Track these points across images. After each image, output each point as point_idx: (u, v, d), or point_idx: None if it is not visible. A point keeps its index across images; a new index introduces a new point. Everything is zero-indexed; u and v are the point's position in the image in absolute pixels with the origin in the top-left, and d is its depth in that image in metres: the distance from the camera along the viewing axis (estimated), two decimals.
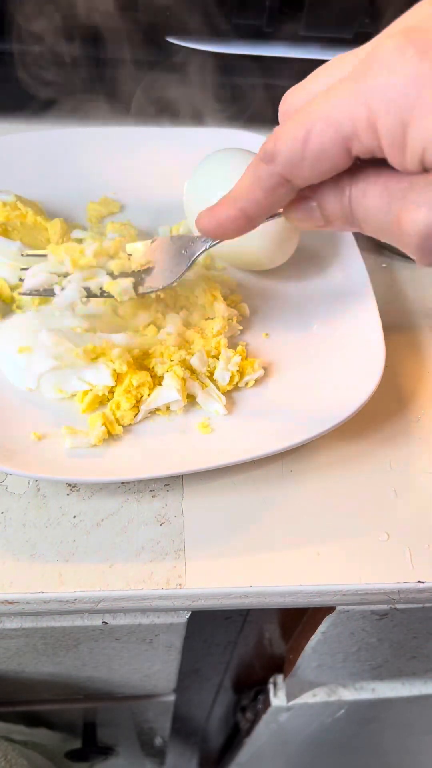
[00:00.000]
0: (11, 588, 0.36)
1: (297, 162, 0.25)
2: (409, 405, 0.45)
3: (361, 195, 0.26)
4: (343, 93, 0.23)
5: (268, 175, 0.26)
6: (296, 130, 0.24)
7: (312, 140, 0.24)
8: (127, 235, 0.49)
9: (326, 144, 0.24)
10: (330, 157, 0.24)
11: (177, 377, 0.40)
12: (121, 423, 0.40)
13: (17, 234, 0.46)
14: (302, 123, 0.24)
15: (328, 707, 0.66)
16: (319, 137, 0.24)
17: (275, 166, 0.26)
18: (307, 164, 0.25)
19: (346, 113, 0.23)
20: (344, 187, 0.26)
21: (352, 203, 0.26)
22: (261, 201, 0.28)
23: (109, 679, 0.56)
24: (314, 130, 0.24)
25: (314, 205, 0.28)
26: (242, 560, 0.37)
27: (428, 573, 0.38)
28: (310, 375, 0.43)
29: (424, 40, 0.22)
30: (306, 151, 0.24)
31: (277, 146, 0.25)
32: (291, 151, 0.25)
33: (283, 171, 0.26)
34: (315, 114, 0.24)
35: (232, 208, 0.29)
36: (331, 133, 0.24)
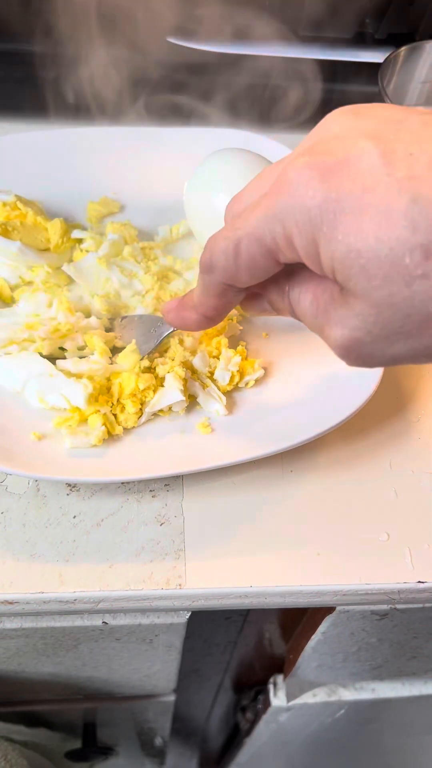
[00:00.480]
0: (11, 588, 0.36)
1: (233, 271, 0.27)
2: (409, 405, 0.45)
3: (296, 300, 0.29)
4: (262, 212, 0.25)
5: (214, 284, 0.29)
6: (226, 244, 0.27)
7: (242, 253, 0.26)
8: (127, 235, 0.49)
9: (255, 255, 0.26)
10: (261, 266, 0.27)
11: (179, 378, 0.40)
12: (124, 425, 0.40)
13: (17, 234, 0.46)
14: (230, 238, 0.27)
15: (328, 707, 0.66)
16: (247, 250, 0.26)
17: (215, 276, 0.29)
18: (242, 272, 0.27)
19: (266, 230, 0.25)
20: (284, 288, 0.29)
21: (291, 303, 0.29)
22: (215, 305, 0.31)
23: (109, 679, 0.56)
24: (242, 244, 0.26)
25: (264, 302, 0.31)
26: (242, 560, 0.37)
27: (428, 573, 0.38)
28: (310, 375, 0.43)
29: (326, 163, 0.23)
30: (238, 262, 0.27)
31: (213, 260, 0.28)
32: (225, 263, 0.27)
33: (223, 279, 0.28)
34: (241, 230, 0.26)
35: (194, 312, 0.32)
36: (256, 246, 0.26)
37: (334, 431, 0.40)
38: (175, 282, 0.47)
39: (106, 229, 0.50)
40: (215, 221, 0.45)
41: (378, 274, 0.23)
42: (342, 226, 0.23)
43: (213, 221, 0.45)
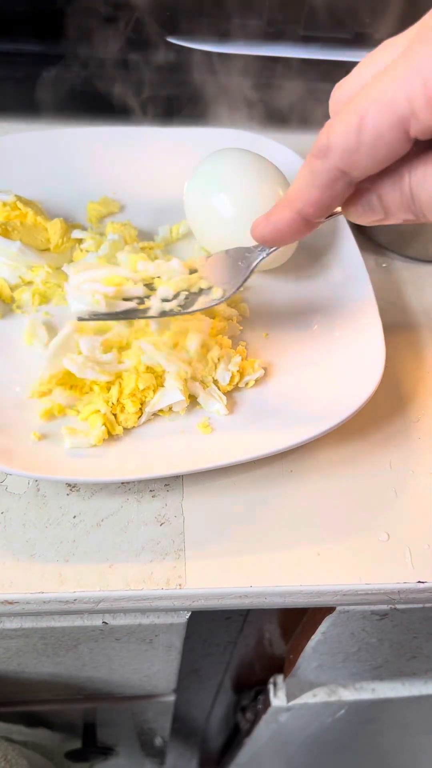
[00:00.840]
0: (11, 588, 0.36)
1: (353, 152, 0.24)
2: (409, 405, 0.45)
3: (422, 181, 0.25)
4: (397, 72, 0.22)
5: (325, 171, 0.25)
6: (349, 119, 0.23)
7: (367, 127, 0.23)
8: (127, 235, 0.49)
9: (383, 128, 0.23)
10: (388, 143, 0.23)
11: (179, 378, 0.40)
12: (124, 425, 0.40)
13: (17, 234, 0.46)
14: (355, 111, 0.23)
15: (328, 707, 0.66)
16: (375, 122, 0.23)
17: (330, 160, 0.25)
18: (364, 153, 0.24)
19: (401, 92, 0.22)
20: (403, 175, 0.25)
21: (413, 190, 0.25)
22: (318, 199, 0.26)
23: (109, 679, 0.56)
24: (368, 116, 0.23)
25: (373, 198, 0.27)
26: (242, 560, 0.37)
27: (428, 573, 0.38)
28: (310, 375, 0.43)
29: None
30: (362, 139, 0.23)
31: (331, 139, 0.24)
32: (346, 142, 0.24)
33: (340, 163, 0.25)
34: (367, 99, 0.23)
35: (289, 210, 0.28)
36: (387, 115, 0.22)
37: (334, 431, 0.40)
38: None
39: (106, 229, 0.50)
40: (215, 221, 0.45)
41: None
42: None
43: (213, 221, 0.45)
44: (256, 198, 0.44)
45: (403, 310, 0.51)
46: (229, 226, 0.44)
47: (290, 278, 0.49)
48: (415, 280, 0.53)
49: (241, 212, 0.44)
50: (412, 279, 0.53)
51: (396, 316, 0.50)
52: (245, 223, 0.43)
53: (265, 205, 0.43)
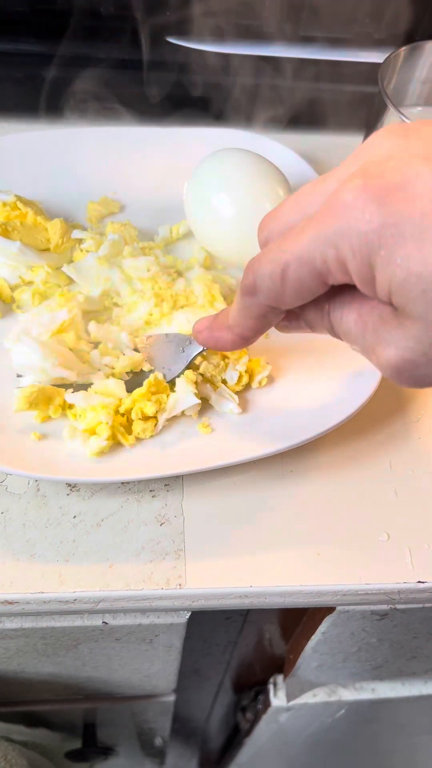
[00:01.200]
0: (11, 588, 0.36)
1: (278, 293, 0.27)
2: (409, 405, 0.45)
3: (338, 320, 0.28)
4: (313, 234, 0.25)
5: (255, 306, 0.29)
6: (273, 268, 0.26)
7: (289, 277, 0.26)
8: (127, 235, 0.49)
9: (303, 278, 0.26)
10: (308, 288, 0.26)
11: (190, 381, 0.40)
12: (141, 437, 0.40)
13: (17, 234, 0.46)
14: (277, 261, 0.26)
15: (328, 707, 0.66)
16: (296, 273, 0.26)
17: (258, 299, 0.28)
18: (288, 294, 0.27)
19: (318, 253, 0.25)
20: (324, 308, 0.28)
21: (332, 324, 0.28)
22: (253, 326, 0.30)
23: (109, 679, 0.56)
24: (290, 268, 0.26)
25: (301, 321, 0.31)
26: (242, 560, 0.37)
27: (428, 573, 0.38)
28: (310, 375, 0.43)
29: (382, 186, 0.23)
30: (285, 285, 0.26)
31: (257, 283, 0.27)
32: (271, 286, 0.27)
33: (267, 301, 0.28)
34: (289, 253, 0.26)
35: (230, 333, 0.32)
36: (305, 270, 0.25)
37: (334, 431, 0.40)
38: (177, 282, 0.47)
39: (106, 229, 0.50)
40: (215, 221, 0.45)
41: None
42: (401, 250, 0.23)
43: (213, 221, 0.45)
44: (256, 198, 0.44)
45: None
46: (229, 226, 0.44)
47: None
48: None
49: (241, 212, 0.44)
50: None
51: None
52: (245, 223, 0.43)
53: (265, 205, 0.43)
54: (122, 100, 0.57)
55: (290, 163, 0.51)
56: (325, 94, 0.59)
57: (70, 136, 0.54)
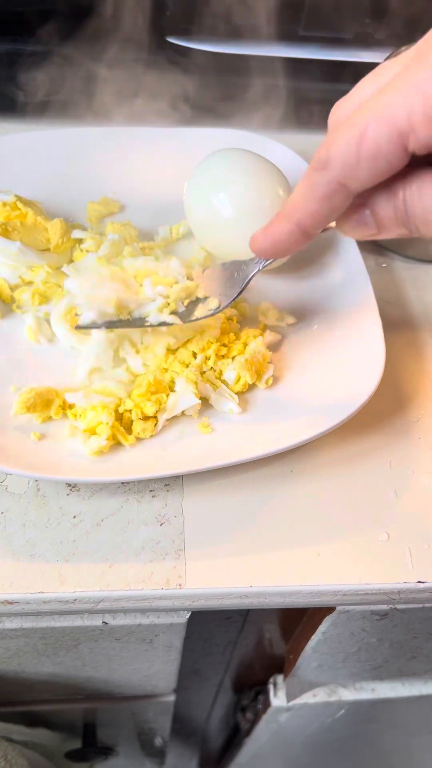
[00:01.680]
0: (11, 588, 0.36)
1: (352, 165, 0.24)
2: (409, 405, 0.45)
3: (416, 196, 0.25)
4: (397, 87, 0.23)
5: (323, 183, 0.26)
6: (350, 132, 0.24)
7: (367, 140, 0.24)
8: (127, 235, 0.49)
9: (382, 142, 0.23)
10: (386, 156, 0.24)
11: (190, 381, 0.40)
12: (141, 437, 0.40)
13: (17, 234, 0.46)
14: (355, 125, 0.24)
15: (328, 707, 0.66)
16: (374, 136, 0.23)
17: (330, 172, 0.25)
18: (363, 166, 0.24)
19: (401, 107, 0.23)
20: (397, 191, 0.26)
21: (407, 205, 0.26)
22: (317, 211, 0.27)
23: (109, 679, 0.56)
24: (369, 130, 0.23)
25: (367, 213, 0.28)
26: (242, 560, 0.37)
27: (428, 573, 0.38)
28: (309, 375, 0.43)
29: None
30: (361, 152, 0.24)
31: (331, 151, 0.25)
32: (345, 155, 0.24)
33: (338, 176, 0.25)
34: (368, 114, 0.23)
35: (287, 222, 0.28)
36: (386, 130, 0.23)
37: (334, 431, 0.40)
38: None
39: (106, 229, 0.50)
40: (215, 221, 0.45)
41: None
42: None
43: (213, 221, 0.45)
44: (256, 198, 0.44)
45: (403, 310, 0.51)
46: (229, 226, 0.44)
47: (290, 278, 0.49)
48: (415, 280, 0.53)
49: (241, 212, 0.44)
50: (412, 279, 0.53)
51: (396, 316, 0.50)
52: (245, 223, 0.43)
53: (265, 205, 0.43)
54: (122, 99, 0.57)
55: (290, 163, 0.51)
56: (325, 94, 0.59)
57: (70, 136, 0.54)
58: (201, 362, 0.42)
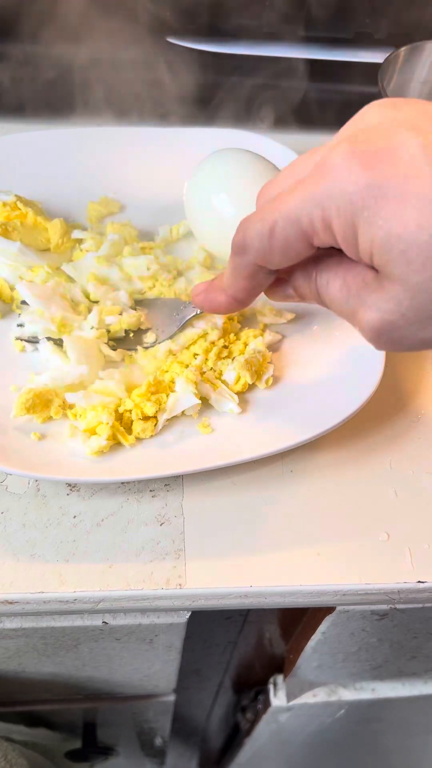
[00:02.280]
0: (11, 588, 0.36)
1: (266, 252, 0.28)
2: (409, 405, 0.45)
3: (324, 285, 0.29)
4: (301, 195, 0.26)
5: (244, 265, 0.30)
6: (261, 226, 0.27)
7: (276, 234, 0.27)
8: (128, 235, 0.49)
9: (289, 238, 0.27)
10: (294, 248, 0.27)
11: (190, 381, 0.40)
12: (142, 437, 0.40)
13: (17, 234, 0.46)
14: (266, 220, 0.27)
15: (328, 707, 0.66)
16: (283, 232, 0.27)
17: (248, 257, 0.29)
18: (275, 254, 0.28)
19: (304, 213, 0.26)
20: (311, 274, 0.30)
21: (318, 290, 0.30)
22: (245, 287, 0.31)
23: (109, 679, 0.56)
24: (277, 227, 0.27)
25: (290, 288, 0.32)
26: (242, 560, 0.37)
27: (428, 573, 0.38)
28: (309, 375, 0.43)
29: (368, 151, 0.24)
30: (273, 243, 0.27)
31: (246, 241, 0.28)
32: (260, 244, 0.28)
33: (255, 260, 0.29)
34: (277, 212, 0.27)
35: (223, 295, 0.33)
36: (292, 229, 0.26)
37: (334, 431, 0.40)
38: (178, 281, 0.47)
39: (106, 229, 0.50)
40: (215, 221, 0.45)
41: (417, 260, 0.24)
42: (383, 211, 0.24)
43: (213, 221, 0.45)
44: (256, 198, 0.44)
45: None
46: (229, 226, 0.44)
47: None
48: None
49: (241, 212, 0.43)
50: None
51: None
52: None
53: None
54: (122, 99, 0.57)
55: None
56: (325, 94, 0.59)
57: (70, 136, 0.54)
58: (201, 363, 0.42)
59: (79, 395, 0.40)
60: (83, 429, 0.39)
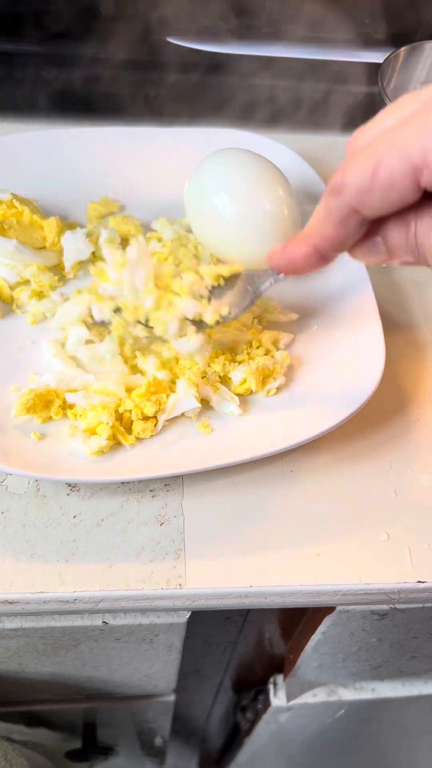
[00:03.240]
0: (11, 588, 0.36)
1: (366, 192, 0.25)
2: (409, 405, 0.45)
3: (428, 231, 0.26)
4: (413, 125, 0.24)
5: (338, 207, 0.27)
6: (365, 161, 0.25)
7: (381, 171, 0.25)
8: (132, 226, 0.49)
9: (395, 175, 0.24)
10: (399, 188, 0.25)
11: (192, 384, 0.40)
12: (141, 437, 0.39)
13: (13, 232, 0.46)
14: (371, 155, 0.25)
15: (328, 707, 0.66)
16: (389, 168, 0.24)
17: (344, 198, 0.26)
18: (377, 194, 0.25)
19: (416, 144, 0.23)
20: (410, 222, 0.27)
21: (418, 238, 0.27)
22: (332, 235, 0.28)
23: (109, 679, 0.56)
24: (384, 161, 0.24)
25: (378, 240, 0.29)
26: (242, 560, 0.37)
27: (428, 573, 0.38)
28: (310, 375, 0.43)
29: None
30: (375, 181, 0.25)
31: (346, 178, 0.26)
32: (360, 182, 0.25)
33: (352, 202, 0.26)
34: (384, 145, 0.24)
35: (305, 244, 0.29)
36: (400, 163, 0.24)
37: (334, 431, 0.40)
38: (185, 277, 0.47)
39: (109, 225, 0.50)
40: (215, 221, 0.45)
41: None
42: None
43: (213, 221, 0.45)
44: (256, 198, 0.44)
45: (403, 310, 0.51)
46: (230, 226, 0.44)
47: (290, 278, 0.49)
48: (415, 280, 0.53)
49: (241, 212, 0.44)
50: (412, 279, 0.53)
51: (396, 316, 0.50)
52: (246, 223, 0.43)
53: (265, 205, 0.43)
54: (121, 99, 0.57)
55: (290, 163, 0.51)
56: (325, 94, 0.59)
57: (70, 136, 0.54)
58: (204, 366, 0.42)
59: (79, 395, 0.40)
60: (83, 429, 0.39)
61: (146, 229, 0.51)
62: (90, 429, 0.39)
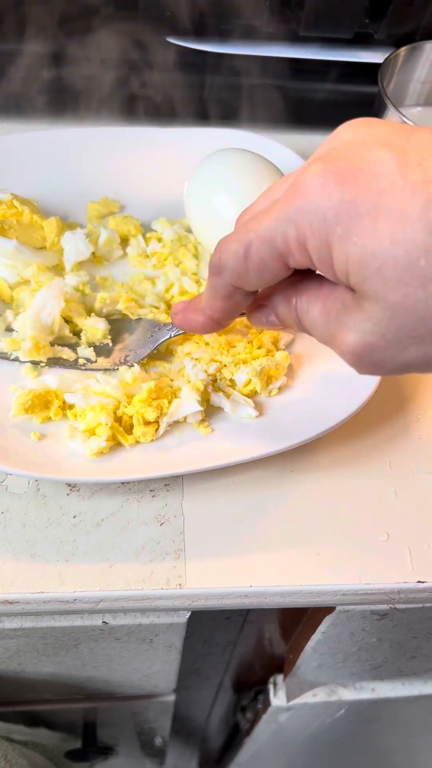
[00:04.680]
0: (11, 588, 0.36)
1: (242, 273, 0.28)
2: (409, 405, 0.45)
3: (304, 310, 0.29)
4: (275, 214, 0.25)
5: (221, 286, 0.29)
6: (238, 245, 0.27)
7: (252, 254, 0.27)
8: (132, 226, 0.49)
9: (264, 258, 0.26)
10: (270, 269, 0.27)
11: (196, 389, 0.40)
12: (142, 441, 0.39)
13: (14, 232, 0.46)
14: (241, 240, 0.27)
15: (328, 707, 0.66)
16: (257, 252, 0.26)
17: (224, 278, 0.29)
18: (252, 275, 0.27)
19: (279, 233, 0.25)
20: (291, 298, 0.29)
21: (299, 315, 0.29)
22: (222, 308, 0.31)
23: (109, 679, 0.56)
24: (252, 246, 0.26)
25: (270, 312, 0.31)
26: (242, 560, 0.37)
27: (428, 573, 0.38)
28: (309, 375, 0.43)
29: (341, 167, 0.24)
30: (248, 264, 0.27)
31: (222, 260, 0.28)
32: (235, 264, 0.28)
33: (232, 281, 0.29)
34: (252, 232, 0.26)
35: (201, 315, 0.32)
36: (267, 248, 0.26)
37: (334, 431, 0.40)
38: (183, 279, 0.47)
39: (109, 225, 0.50)
40: (215, 221, 0.45)
41: (393, 276, 0.23)
42: (357, 228, 0.23)
43: (213, 221, 0.45)
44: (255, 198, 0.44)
45: None
46: (229, 226, 0.44)
47: None
48: None
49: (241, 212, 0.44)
50: None
51: None
52: None
53: None
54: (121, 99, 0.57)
55: (290, 163, 0.51)
56: (325, 94, 0.59)
57: (70, 136, 0.54)
58: (215, 372, 0.42)
59: (78, 396, 0.40)
60: (82, 429, 0.39)
61: (146, 229, 0.51)
62: (89, 429, 0.39)
